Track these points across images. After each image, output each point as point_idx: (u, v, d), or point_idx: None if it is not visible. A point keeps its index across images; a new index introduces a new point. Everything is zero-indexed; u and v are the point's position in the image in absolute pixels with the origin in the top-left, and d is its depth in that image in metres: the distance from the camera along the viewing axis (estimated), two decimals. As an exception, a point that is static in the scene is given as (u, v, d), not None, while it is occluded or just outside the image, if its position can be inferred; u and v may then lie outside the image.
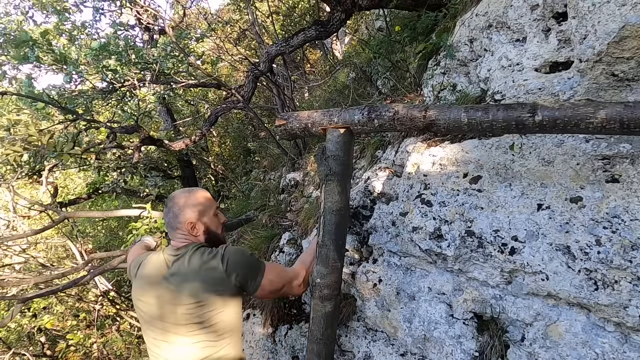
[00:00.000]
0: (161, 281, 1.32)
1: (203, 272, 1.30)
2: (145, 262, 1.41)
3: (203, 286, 1.29)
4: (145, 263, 1.41)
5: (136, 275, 1.42)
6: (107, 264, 2.63)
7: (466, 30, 1.82)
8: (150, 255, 1.43)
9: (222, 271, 1.30)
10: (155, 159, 5.73)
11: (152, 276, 1.35)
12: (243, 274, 1.33)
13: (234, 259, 1.33)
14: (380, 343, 1.68)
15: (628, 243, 1.05)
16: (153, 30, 5.61)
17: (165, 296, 1.30)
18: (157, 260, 1.38)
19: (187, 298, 1.28)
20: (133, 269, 1.46)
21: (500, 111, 1.08)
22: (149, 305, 1.34)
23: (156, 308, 1.32)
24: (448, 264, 1.43)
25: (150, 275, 1.35)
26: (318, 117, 1.42)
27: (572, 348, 1.12)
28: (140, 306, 1.37)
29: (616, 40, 1.09)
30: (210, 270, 1.30)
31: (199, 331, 1.31)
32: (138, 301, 1.38)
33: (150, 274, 1.36)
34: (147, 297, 1.34)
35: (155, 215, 2.59)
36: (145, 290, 1.35)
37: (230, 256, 1.33)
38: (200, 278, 1.29)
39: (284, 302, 2.20)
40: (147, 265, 1.39)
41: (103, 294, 5.30)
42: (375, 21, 4.14)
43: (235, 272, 1.31)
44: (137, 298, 1.39)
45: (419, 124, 1.22)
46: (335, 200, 1.37)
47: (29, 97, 3.08)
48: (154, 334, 1.35)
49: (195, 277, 1.29)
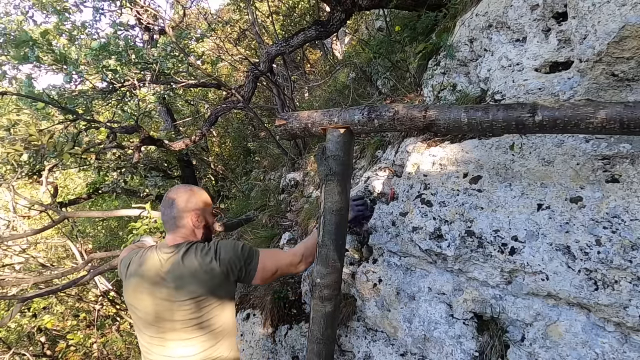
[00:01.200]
0: (157, 280, 1.32)
1: (201, 271, 1.30)
2: (136, 259, 1.40)
3: (201, 286, 1.29)
4: (136, 261, 1.40)
5: (127, 274, 1.41)
6: (107, 264, 2.63)
7: (466, 30, 1.82)
8: (141, 252, 1.42)
9: (217, 267, 1.30)
10: (155, 159, 5.73)
11: (147, 274, 1.34)
12: (236, 265, 1.35)
13: (225, 252, 1.34)
14: (380, 343, 1.68)
15: (628, 243, 1.05)
16: (153, 30, 5.61)
17: (162, 295, 1.30)
18: (152, 258, 1.37)
19: (185, 298, 1.28)
20: (123, 268, 1.45)
21: (500, 111, 1.08)
22: (145, 304, 1.33)
23: (152, 307, 1.32)
24: (448, 264, 1.43)
25: (146, 274, 1.34)
26: (318, 117, 1.41)
27: (572, 348, 1.12)
28: (136, 304, 1.36)
29: (616, 40, 1.09)
30: (208, 270, 1.30)
31: (196, 331, 1.31)
32: (133, 299, 1.37)
33: (145, 272, 1.35)
34: (143, 295, 1.34)
35: (155, 215, 2.59)
36: (140, 288, 1.35)
37: (222, 250, 1.34)
38: (198, 278, 1.29)
39: (284, 302, 2.20)
40: (140, 264, 1.38)
41: (103, 294, 5.30)
42: (375, 21, 4.14)
43: (229, 265, 1.33)
44: (131, 296, 1.38)
45: (419, 124, 1.22)
46: (335, 200, 1.37)
47: (29, 97, 3.08)
48: (150, 333, 1.35)
49: (193, 276, 1.29)
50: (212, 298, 1.32)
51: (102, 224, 7.77)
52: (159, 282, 1.31)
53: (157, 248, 1.40)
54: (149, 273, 1.34)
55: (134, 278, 1.37)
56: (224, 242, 1.38)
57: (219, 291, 1.33)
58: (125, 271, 1.42)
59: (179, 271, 1.30)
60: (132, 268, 1.39)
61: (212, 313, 1.32)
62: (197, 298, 1.29)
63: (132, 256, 1.44)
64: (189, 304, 1.28)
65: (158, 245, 1.42)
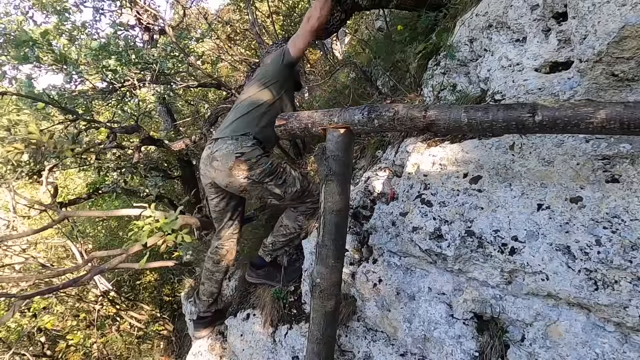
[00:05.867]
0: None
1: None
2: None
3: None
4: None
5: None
6: (107, 263, 2.62)
7: (466, 30, 1.82)
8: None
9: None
10: (155, 159, 5.72)
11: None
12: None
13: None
14: (380, 343, 1.68)
15: (628, 243, 1.05)
16: (153, 30, 5.61)
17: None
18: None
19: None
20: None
21: (500, 111, 1.08)
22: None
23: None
24: (448, 264, 1.43)
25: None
26: (318, 117, 1.42)
27: (572, 348, 1.12)
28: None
29: (616, 41, 1.09)
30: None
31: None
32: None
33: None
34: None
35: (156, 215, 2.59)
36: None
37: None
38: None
39: (284, 302, 2.20)
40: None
41: (103, 294, 5.31)
42: (375, 21, 4.14)
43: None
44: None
45: (419, 124, 1.22)
46: (335, 201, 1.37)
47: (29, 97, 3.08)
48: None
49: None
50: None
51: (102, 224, 7.76)
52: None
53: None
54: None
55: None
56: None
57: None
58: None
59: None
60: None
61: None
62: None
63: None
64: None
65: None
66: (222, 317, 2.57)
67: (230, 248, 2.21)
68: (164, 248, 2.54)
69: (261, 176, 1.85)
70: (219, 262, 2.22)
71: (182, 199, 5.07)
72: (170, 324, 5.87)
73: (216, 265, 2.23)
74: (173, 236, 2.51)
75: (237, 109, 1.99)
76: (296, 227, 2.09)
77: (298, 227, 2.09)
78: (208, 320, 2.48)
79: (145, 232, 2.39)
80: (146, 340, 5.93)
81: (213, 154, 1.89)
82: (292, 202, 2.00)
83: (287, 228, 2.10)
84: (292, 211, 2.06)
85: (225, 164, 1.84)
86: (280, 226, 2.13)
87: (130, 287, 6.67)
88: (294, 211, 2.05)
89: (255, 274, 2.30)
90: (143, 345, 5.91)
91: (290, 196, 1.94)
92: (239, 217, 2.20)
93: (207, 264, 2.25)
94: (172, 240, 2.52)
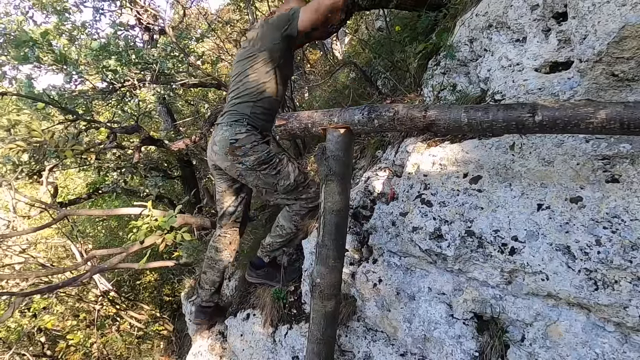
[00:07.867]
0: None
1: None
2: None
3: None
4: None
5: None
6: (107, 262, 2.63)
7: (466, 30, 1.83)
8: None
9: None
10: (155, 159, 5.72)
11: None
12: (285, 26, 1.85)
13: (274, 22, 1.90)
14: (380, 343, 1.68)
15: (628, 243, 1.05)
16: (153, 30, 5.61)
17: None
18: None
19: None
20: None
21: (500, 111, 1.08)
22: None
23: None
24: (448, 264, 1.43)
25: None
26: (318, 117, 1.42)
27: (572, 348, 1.12)
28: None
29: (616, 41, 1.09)
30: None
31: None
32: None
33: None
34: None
35: (155, 214, 2.59)
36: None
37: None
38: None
39: (283, 302, 2.20)
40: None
41: (103, 294, 5.31)
42: (375, 21, 4.14)
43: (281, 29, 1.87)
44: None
45: (419, 124, 1.22)
46: (335, 201, 1.37)
47: (29, 97, 3.08)
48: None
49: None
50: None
51: (102, 224, 7.77)
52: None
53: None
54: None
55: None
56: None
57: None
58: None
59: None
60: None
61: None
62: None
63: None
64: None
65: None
66: (223, 314, 2.58)
67: (232, 238, 2.22)
68: (163, 247, 2.54)
69: (254, 163, 1.88)
70: (221, 251, 2.23)
71: (182, 199, 5.07)
72: (170, 324, 5.87)
73: (218, 254, 2.23)
74: (172, 235, 2.52)
75: (232, 89, 2.01)
76: (292, 227, 2.09)
77: (294, 227, 2.09)
78: (210, 311, 2.48)
79: (143, 230, 2.39)
80: (146, 340, 5.93)
81: (214, 138, 1.97)
82: (287, 196, 1.99)
83: (283, 228, 2.10)
84: (288, 211, 2.07)
85: (222, 148, 1.91)
86: (277, 226, 2.13)
87: (130, 287, 6.67)
88: (289, 211, 2.06)
89: (255, 274, 2.30)
90: (143, 345, 5.92)
91: (283, 189, 1.94)
92: (241, 204, 2.20)
93: (210, 252, 2.27)
94: (171, 239, 2.52)
